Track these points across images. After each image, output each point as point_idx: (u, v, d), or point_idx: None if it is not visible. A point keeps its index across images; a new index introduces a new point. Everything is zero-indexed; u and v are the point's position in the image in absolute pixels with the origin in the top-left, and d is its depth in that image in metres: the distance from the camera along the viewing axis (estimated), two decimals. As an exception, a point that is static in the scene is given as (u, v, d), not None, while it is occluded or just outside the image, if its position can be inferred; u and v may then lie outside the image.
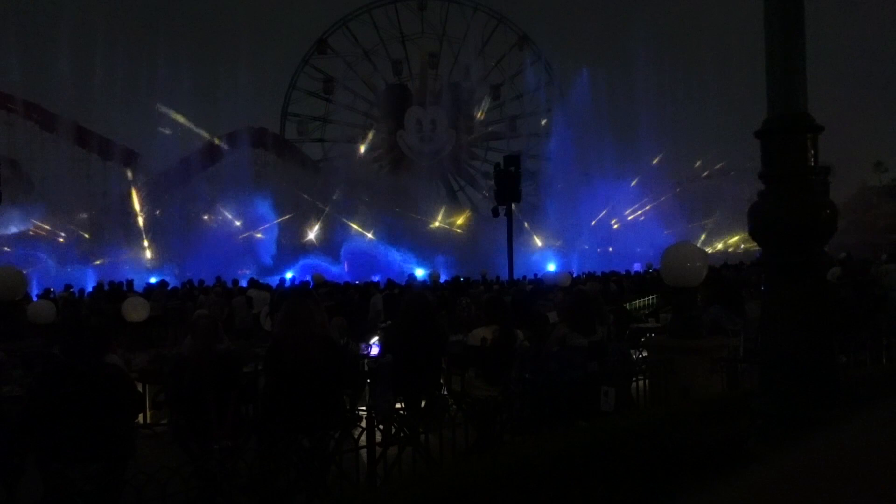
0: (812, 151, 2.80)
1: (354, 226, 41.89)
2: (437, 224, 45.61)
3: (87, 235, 39.42)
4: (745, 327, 7.37)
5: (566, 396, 5.12)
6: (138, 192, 46.58)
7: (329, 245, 41.18)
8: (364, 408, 6.34)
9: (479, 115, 57.68)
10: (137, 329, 10.67)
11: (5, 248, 34.23)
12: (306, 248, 39.48)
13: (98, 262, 35.94)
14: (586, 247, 43.73)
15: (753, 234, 2.93)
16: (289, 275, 27.18)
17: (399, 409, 6.69)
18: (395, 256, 39.13)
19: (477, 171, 57.94)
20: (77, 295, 20.15)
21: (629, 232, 47.15)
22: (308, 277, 19.78)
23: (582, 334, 5.51)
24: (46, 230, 38.69)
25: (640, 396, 6.31)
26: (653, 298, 17.83)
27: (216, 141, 49.16)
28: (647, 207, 47.17)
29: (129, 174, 47.94)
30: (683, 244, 8.11)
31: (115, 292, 19.28)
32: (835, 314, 5.85)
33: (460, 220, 43.70)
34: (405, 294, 12.82)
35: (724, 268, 23.18)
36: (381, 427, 5.39)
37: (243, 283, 21.08)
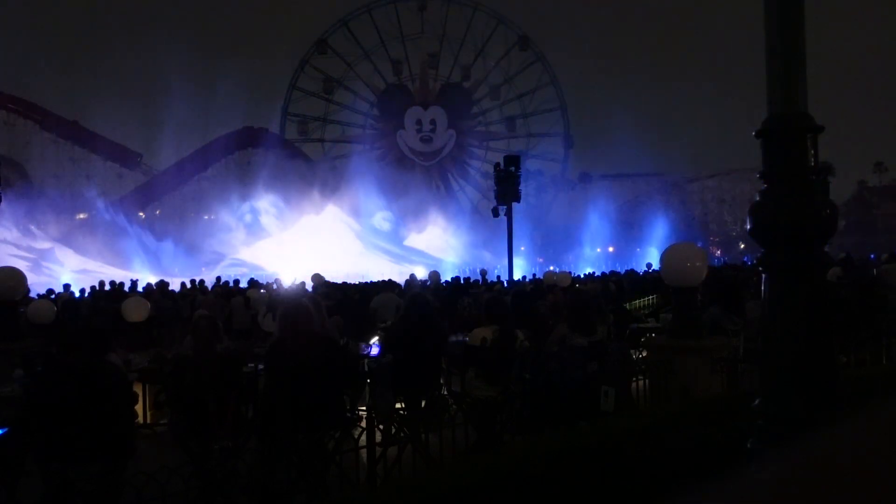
0: (812, 151, 2.80)
1: None
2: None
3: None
4: (745, 327, 7.36)
5: (566, 396, 5.12)
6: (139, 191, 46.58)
7: None
8: (364, 408, 6.34)
9: (478, 115, 57.68)
10: (137, 329, 10.67)
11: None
12: None
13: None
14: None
15: (754, 234, 2.93)
16: (288, 275, 27.14)
17: (399, 409, 6.69)
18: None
19: (477, 171, 57.97)
20: (79, 295, 20.15)
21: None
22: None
23: (582, 334, 5.51)
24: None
25: (640, 396, 6.31)
26: (653, 298, 17.83)
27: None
28: None
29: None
30: (683, 244, 8.11)
31: (115, 292, 19.27)
32: (835, 314, 5.84)
33: None
34: (405, 294, 12.83)
35: (725, 268, 23.19)
36: (381, 427, 5.39)
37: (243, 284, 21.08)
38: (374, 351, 8.87)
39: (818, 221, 2.79)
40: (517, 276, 26.31)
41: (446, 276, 23.69)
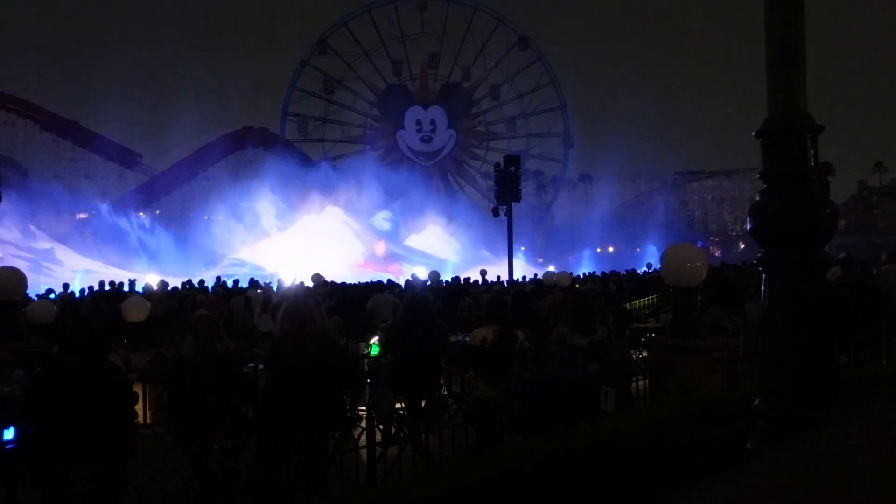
0: (812, 151, 2.80)
1: None
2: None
3: None
4: (745, 327, 7.36)
5: (566, 396, 5.12)
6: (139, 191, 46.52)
7: None
8: (364, 408, 6.35)
9: (478, 115, 57.62)
10: (137, 329, 10.67)
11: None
12: None
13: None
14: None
15: (754, 234, 2.93)
16: (288, 275, 27.14)
17: (399, 409, 6.69)
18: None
19: (477, 171, 57.99)
20: (78, 295, 20.15)
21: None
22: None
23: (582, 334, 5.50)
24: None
25: (640, 396, 6.31)
26: (653, 298, 17.82)
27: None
28: None
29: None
30: (683, 244, 8.11)
31: (115, 292, 19.28)
32: (835, 314, 5.84)
33: None
34: (406, 295, 12.83)
35: (724, 267, 23.17)
36: (381, 427, 5.39)
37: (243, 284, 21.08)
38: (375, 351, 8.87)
39: (818, 221, 2.78)
40: (517, 276, 26.28)
41: (446, 276, 23.67)
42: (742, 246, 52.63)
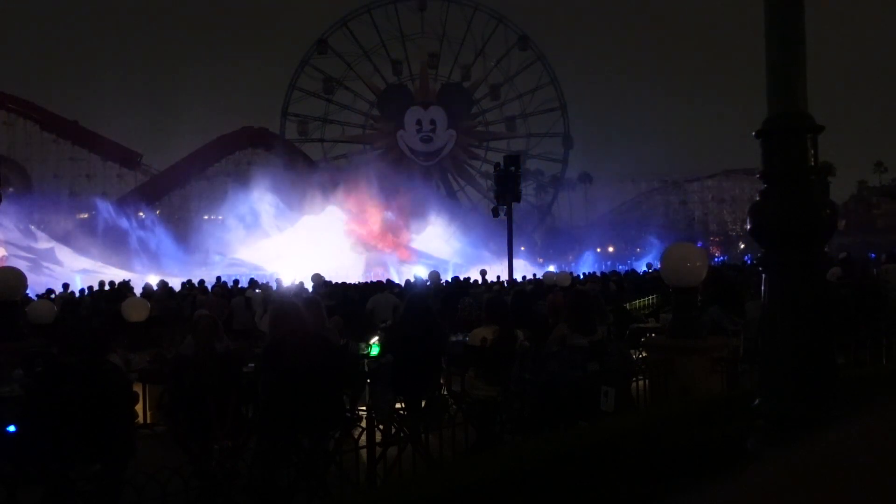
0: (812, 151, 2.80)
1: None
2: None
3: None
4: (745, 327, 7.36)
5: (566, 396, 5.12)
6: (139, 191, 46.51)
7: None
8: (364, 408, 6.35)
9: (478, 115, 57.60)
10: (137, 329, 10.67)
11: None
12: None
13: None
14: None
15: (754, 234, 2.93)
16: (288, 275, 27.14)
17: (399, 409, 6.69)
18: None
19: (477, 171, 58.02)
20: (78, 295, 20.16)
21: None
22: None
23: (582, 334, 5.50)
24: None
25: (640, 396, 6.31)
26: (653, 298, 17.83)
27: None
28: None
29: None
30: (683, 244, 8.12)
31: (115, 292, 19.27)
32: (835, 314, 5.84)
33: None
34: (405, 295, 12.83)
35: (725, 267, 23.18)
36: (381, 427, 5.39)
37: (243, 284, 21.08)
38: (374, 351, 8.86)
39: (818, 221, 2.78)
40: (517, 276, 26.27)
41: (446, 276, 23.66)
42: (742, 246, 52.65)
